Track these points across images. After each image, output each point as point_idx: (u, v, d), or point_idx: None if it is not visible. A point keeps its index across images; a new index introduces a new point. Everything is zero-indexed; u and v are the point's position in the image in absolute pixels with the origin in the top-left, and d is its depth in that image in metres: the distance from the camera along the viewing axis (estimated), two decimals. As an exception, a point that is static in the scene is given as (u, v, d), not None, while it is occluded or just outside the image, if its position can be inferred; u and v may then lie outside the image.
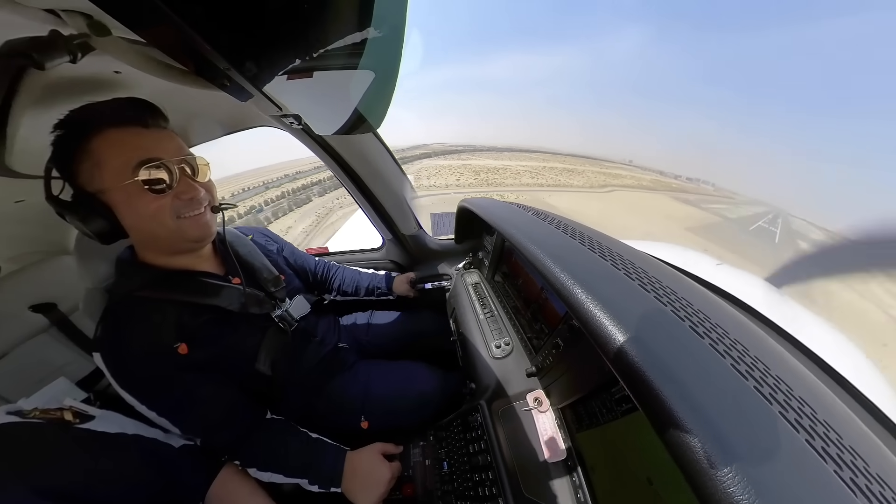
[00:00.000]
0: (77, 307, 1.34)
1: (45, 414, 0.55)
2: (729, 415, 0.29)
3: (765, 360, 0.40)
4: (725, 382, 0.33)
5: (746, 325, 0.52)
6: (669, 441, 0.30)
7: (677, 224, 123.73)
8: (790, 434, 0.30)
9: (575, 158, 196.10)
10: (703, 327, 0.41)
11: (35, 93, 0.52)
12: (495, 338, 0.90)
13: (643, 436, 0.44)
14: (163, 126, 0.63)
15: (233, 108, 0.95)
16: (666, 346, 0.37)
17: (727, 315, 0.51)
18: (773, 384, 0.36)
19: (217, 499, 0.66)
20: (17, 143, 0.60)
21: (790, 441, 0.29)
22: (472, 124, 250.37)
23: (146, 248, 0.69)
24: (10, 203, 0.93)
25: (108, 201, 0.59)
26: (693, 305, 0.47)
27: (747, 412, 0.31)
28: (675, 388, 0.31)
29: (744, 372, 0.35)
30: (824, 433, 0.32)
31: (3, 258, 1.26)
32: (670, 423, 0.30)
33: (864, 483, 0.29)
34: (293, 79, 0.41)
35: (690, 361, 0.35)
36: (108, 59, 0.46)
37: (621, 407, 0.49)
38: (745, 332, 0.46)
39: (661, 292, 0.47)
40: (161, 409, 0.63)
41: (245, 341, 0.75)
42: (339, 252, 1.62)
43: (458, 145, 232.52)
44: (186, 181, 0.63)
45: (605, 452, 0.53)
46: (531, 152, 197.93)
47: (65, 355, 1.33)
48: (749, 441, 0.28)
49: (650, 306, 0.44)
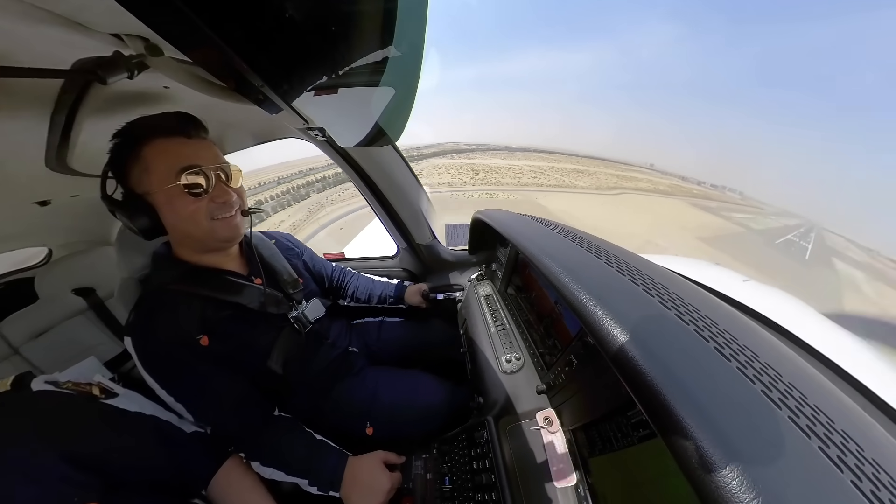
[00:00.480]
0: (112, 294, 1.49)
1: (76, 386, 0.60)
2: (762, 448, 0.27)
3: (799, 386, 0.37)
4: (757, 411, 0.31)
5: (778, 346, 0.48)
6: (693, 475, 0.27)
7: (689, 232, 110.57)
8: (829, 469, 0.27)
9: (591, 160, 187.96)
10: (730, 349, 0.38)
11: (96, 104, 0.59)
12: (506, 352, 0.88)
13: (662, 465, 0.41)
14: (203, 136, 0.70)
15: (264, 120, 1.03)
16: (689, 368, 0.34)
17: (757, 336, 0.47)
18: (811, 414, 0.32)
19: (219, 487, 0.68)
20: (78, 146, 0.69)
21: (831, 480, 0.26)
22: (492, 123, 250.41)
23: (181, 245, 0.75)
24: (66, 197, 1.05)
25: (152, 202, 0.66)
26: (718, 325, 0.44)
27: (783, 446, 0.28)
28: (700, 416, 0.29)
29: (777, 400, 0.32)
30: (874, 474, 0.29)
31: (55, 244, 1.46)
32: (694, 454, 0.27)
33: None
34: (319, 95, 0.45)
35: (716, 387, 0.33)
36: (159, 76, 0.52)
37: (638, 432, 0.46)
38: (777, 356, 0.43)
39: (682, 310, 0.45)
40: (178, 395, 0.67)
41: (261, 338, 0.78)
42: (354, 258, 1.65)
43: (473, 144, 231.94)
44: (221, 186, 0.69)
45: (618, 481, 0.49)
46: (546, 153, 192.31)
47: (97, 336, 1.46)
48: (788, 480, 0.25)
49: (672, 325, 0.42)
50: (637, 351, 0.36)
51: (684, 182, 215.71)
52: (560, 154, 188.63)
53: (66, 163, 0.73)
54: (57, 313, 1.39)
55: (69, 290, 1.41)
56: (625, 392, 0.37)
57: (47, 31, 0.40)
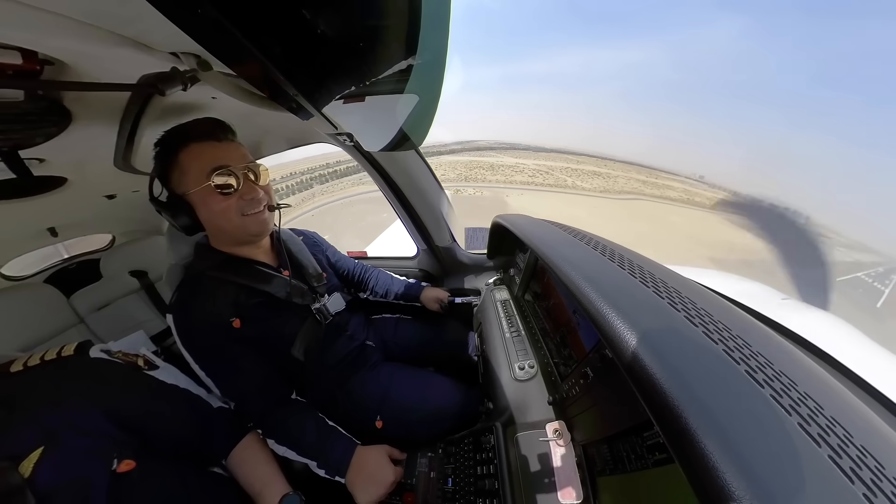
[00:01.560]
0: (161, 277, 1.73)
1: (125, 357, 0.67)
2: (793, 487, 0.24)
3: (844, 422, 0.33)
4: (791, 446, 0.28)
5: (820, 374, 0.44)
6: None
7: (703, 248, 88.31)
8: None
9: (621, 165, 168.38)
10: (764, 374, 0.35)
11: (156, 112, 0.67)
12: (519, 359, 0.86)
13: (677, 493, 0.38)
14: (231, 139, 0.76)
15: (297, 126, 1.11)
16: (715, 392, 0.32)
17: (795, 361, 0.43)
18: (856, 456, 0.29)
19: (238, 459, 0.74)
20: (140, 149, 0.78)
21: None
22: (523, 122, 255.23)
23: (216, 238, 0.83)
24: (129, 192, 1.21)
25: (190, 201, 0.74)
26: (752, 346, 0.40)
27: (818, 486, 0.25)
28: (725, 446, 0.27)
29: (816, 436, 0.29)
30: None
31: (118, 232, 1.71)
32: (716, 485, 0.25)
33: None
34: (348, 102, 0.49)
35: (745, 414, 0.30)
36: (207, 88, 0.58)
37: (654, 456, 0.43)
38: (818, 385, 0.39)
39: (711, 328, 0.42)
40: (209, 370, 0.75)
41: (286, 326, 0.84)
42: (375, 257, 1.69)
43: (494, 142, 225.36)
44: (249, 184, 0.74)
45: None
46: (571, 154, 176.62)
47: (146, 313, 1.70)
48: None
49: (698, 343, 0.39)
50: (658, 368, 0.34)
51: (735, 197, 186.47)
52: (586, 156, 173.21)
53: (131, 163, 0.83)
54: (116, 291, 1.62)
55: (126, 271, 1.64)
56: (642, 411, 0.35)
57: (118, 52, 0.47)
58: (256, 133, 1.14)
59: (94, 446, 0.51)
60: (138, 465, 0.53)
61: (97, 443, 0.52)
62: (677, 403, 0.31)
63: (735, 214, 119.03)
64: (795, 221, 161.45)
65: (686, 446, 0.28)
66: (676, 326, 0.42)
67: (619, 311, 0.43)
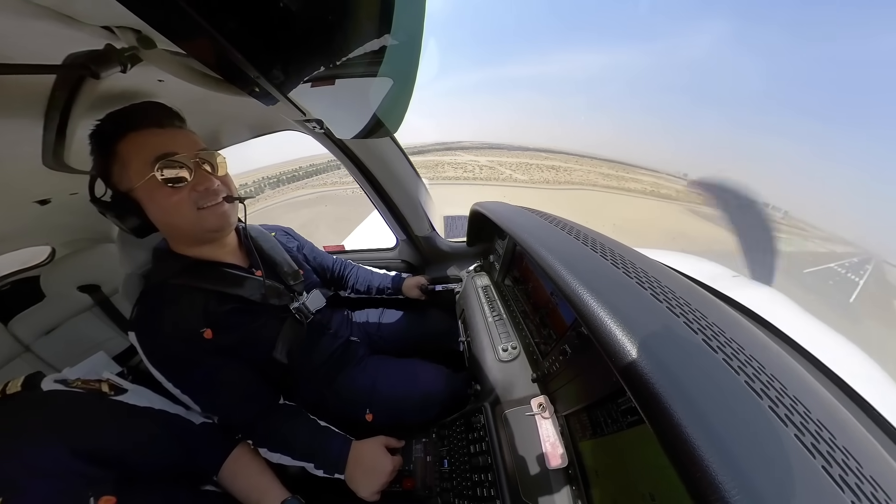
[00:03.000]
0: (117, 290, 1.50)
1: (85, 384, 0.62)
2: (744, 438, 0.28)
3: (781, 378, 0.39)
4: (740, 402, 0.32)
5: (764, 341, 0.50)
6: (677, 459, 0.29)
7: (657, 234, 73.96)
8: (807, 459, 0.28)
9: (589, 160, 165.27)
10: (718, 341, 0.40)
11: (91, 99, 0.58)
12: (503, 341, 0.90)
13: (648, 450, 0.43)
14: (178, 125, 0.68)
15: (260, 113, 1.02)
16: (677, 359, 0.36)
17: (743, 331, 0.49)
18: (789, 405, 0.34)
19: (230, 473, 0.71)
20: (74, 143, 0.67)
21: (808, 468, 0.28)
22: (493, 123, 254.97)
23: (174, 239, 0.75)
24: (66, 195, 1.04)
25: (137, 198, 0.65)
26: (707, 318, 0.45)
27: (762, 435, 0.29)
28: (686, 404, 0.31)
29: (759, 391, 0.34)
30: (843, 461, 0.31)
31: (58, 242, 1.45)
32: (679, 440, 0.29)
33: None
34: (316, 86, 0.44)
35: (703, 377, 0.34)
36: (152, 70, 0.50)
37: (627, 419, 0.48)
38: (761, 350, 0.45)
39: (674, 303, 0.46)
40: (184, 388, 0.69)
41: (264, 330, 0.79)
42: (354, 251, 1.66)
43: (450, 143, 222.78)
44: (202, 173, 0.67)
45: (607, 464, 0.52)
46: (531, 151, 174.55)
47: (105, 332, 1.49)
48: (764, 466, 0.27)
49: (662, 317, 0.43)
50: (629, 342, 0.38)
51: (704, 190, 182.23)
52: (545, 152, 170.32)
53: (64, 161, 0.72)
54: (64, 310, 1.42)
55: (74, 287, 1.42)
56: (615, 380, 0.38)
57: (35, 26, 0.39)
58: (213, 120, 1.02)
59: (64, 488, 0.47)
60: (120, 500, 0.50)
61: (67, 484, 0.48)
62: (645, 371, 0.34)
63: (702, 205, 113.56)
64: (760, 211, 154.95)
65: (654, 407, 0.32)
66: (644, 303, 0.46)
67: (593, 291, 0.46)
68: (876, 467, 0.33)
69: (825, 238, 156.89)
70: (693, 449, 0.28)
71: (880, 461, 0.37)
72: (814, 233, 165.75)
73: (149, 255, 0.80)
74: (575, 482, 0.57)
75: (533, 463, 0.62)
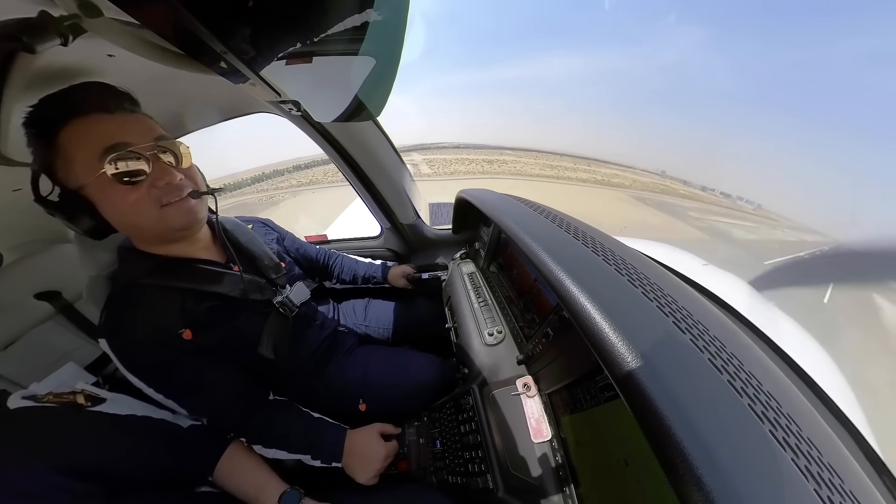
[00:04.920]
0: (81, 294, 1.27)
1: (58, 398, 0.58)
2: (707, 410, 0.32)
3: (738, 355, 0.43)
4: (703, 377, 0.36)
5: (726, 323, 0.55)
6: (648, 429, 0.32)
7: None
8: (756, 423, 0.32)
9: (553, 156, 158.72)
10: (686, 324, 0.43)
11: (26, 78, 0.50)
12: (488, 326, 0.93)
13: (622, 421, 0.48)
14: (129, 109, 0.59)
15: (230, 93, 0.94)
16: (649, 339, 0.39)
17: (708, 314, 0.53)
18: (745, 379, 0.38)
19: (224, 473, 0.70)
20: (11, 132, 0.59)
21: (754, 428, 0.32)
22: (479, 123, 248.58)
23: (138, 239, 0.69)
24: (8, 192, 0.92)
25: (87, 196, 0.57)
26: (677, 303, 0.49)
27: (721, 407, 0.33)
28: (656, 381, 0.34)
29: (720, 366, 0.38)
30: (786, 426, 0.35)
31: (4, 247, 1.26)
32: (650, 413, 0.32)
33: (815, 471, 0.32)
34: (292, 63, 0.40)
35: (671, 355, 0.37)
36: (100, 43, 0.44)
37: (604, 394, 0.52)
38: (722, 330, 0.49)
39: (648, 288, 0.49)
40: (168, 392, 0.66)
41: (247, 326, 0.77)
42: (337, 240, 1.63)
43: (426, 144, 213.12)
44: (160, 166, 0.59)
45: (586, 435, 0.57)
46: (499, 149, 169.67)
47: (72, 341, 1.35)
48: (722, 435, 0.30)
49: (636, 301, 0.46)
50: (605, 324, 0.40)
51: (663, 179, 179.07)
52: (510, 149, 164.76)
53: (1, 152, 0.64)
54: (22, 322, 1.27)
55: (30, 295, 1.26)
56: (594, 360, 0.41)
57: None
58: (174, 102, 0.91)
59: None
60: None
61: (52, 502, 0.46)
62: (620, 351, 0.37)
63: (651, 193, 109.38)
64: (740, 206, 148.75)
65: (627, 382, 0.35)
66: (620, 288, 0.49)
67: (574, 277, 0.49)
68: (805, 422, 0.38)
69: (796, 227, 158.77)
70: (662, 419, 0.31)
71: (815, 425, 0.42)
72: (785, 223, 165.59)
73: (113, 254, 0.73)
74: (558, 453, 0.62)
75: (519, 438, 0.66)
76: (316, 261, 1.16)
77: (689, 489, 0.27)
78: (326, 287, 1.24)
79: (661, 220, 50.49)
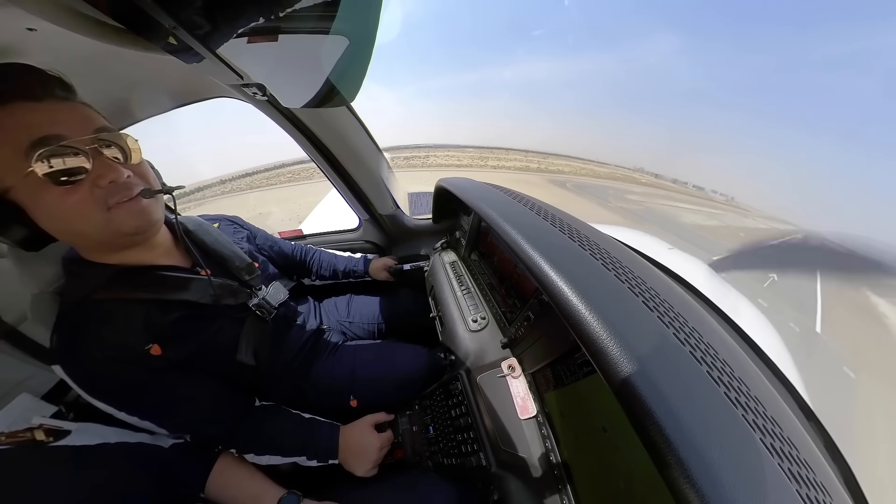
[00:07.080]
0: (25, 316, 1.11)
1: (12, 437, 0.52)
2: (671, 378, 0.35)
3: (699, 329, 0.48)
4: (669, 350, 0.40)
5: (687, 300, 0.61)
6: (622, 397, 0.35)
7: None
8: (713, 386, 0.37)
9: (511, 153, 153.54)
10: (654, 302, 0.48)
11: None
12: (472, 313, 0.95)
13: (600, 393, 0.52)
14: (61, 96, 0.51)
15: (184, 76, 0.85)
16: (621, 317, 0.42)
17: (674, 293, 0.58)
18: (704, 349, 0.43)
19: (217, 488, 0.66)
20: None
21: (708, 389, 0.36)
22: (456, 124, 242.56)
23: (83, 248, 0.60)
24: None
25: (15, 201, 0.49)
26: (647, 283, 0.53)
27: (685, 375, 0.37)
28: (629, 355, 0.37)
29: (683, 339, 0.42)
30: (738, 387, 0.40)
31: None
32: (623, 383, 0.35)
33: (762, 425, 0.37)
34: (254, 42, 0.36)
35: (642, 332, 0.41)
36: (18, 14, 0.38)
37: (583, 370, 0.56)
38: (685, 307, 0.54)
39: (620, 272, 0.53)
40: (142, 414, 0.61)
41: (223, 334, 0.72)
42: (313, 234, 1.58)
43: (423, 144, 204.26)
44: (103, 161, 0.51)
45: (568, 408, 0.61)
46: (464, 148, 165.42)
47: (21, 370, 1.12)
48: (687, 401, 0.34)
49: (610, 283, 0.50)
50: (581, 305, 0.43)
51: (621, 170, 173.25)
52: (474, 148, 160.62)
53: None
54: None
55: None
56: (572, 339, 0.44)
57: None
58: (117, 86, 0.78)
59: None
60: None
61: None
62: (596, 328, 0.40)
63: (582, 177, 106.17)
64: (712, 196, 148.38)
65: (603, 357, 0.38)
66: (595, 272, 0.52)
67: (552, 262, 0.51)
68: (753, 384, 0.44)
69: (767, 217, 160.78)
70: (634, 388, 0.34)
71: (763, 387, 0.48)
72: (756, 213, 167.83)
73: (58, 267, 0.64)
74: (544, 427, 0.66)
75: (507, 416, 0.70)
76: (292, 257, 1.12)
77: (661, 448, 0.31)
78: (305, 285, 1.21)
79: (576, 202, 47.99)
